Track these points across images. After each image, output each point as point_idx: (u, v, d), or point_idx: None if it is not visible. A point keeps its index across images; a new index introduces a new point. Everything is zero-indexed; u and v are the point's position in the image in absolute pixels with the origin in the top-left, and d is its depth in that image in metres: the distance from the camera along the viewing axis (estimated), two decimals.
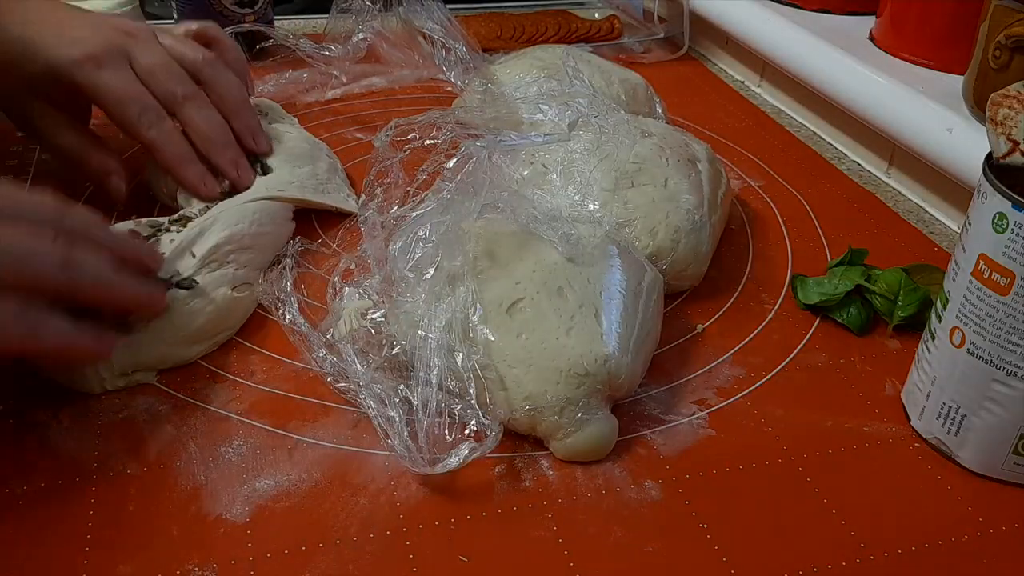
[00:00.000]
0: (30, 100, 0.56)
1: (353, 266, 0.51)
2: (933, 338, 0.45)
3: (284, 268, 0.51)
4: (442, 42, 0.75)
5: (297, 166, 0.60)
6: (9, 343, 0.39)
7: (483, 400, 0.43)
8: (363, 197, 0.49)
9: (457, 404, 0.42)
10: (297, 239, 0.55)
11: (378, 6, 0.77)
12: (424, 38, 0.79)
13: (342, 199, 0.62)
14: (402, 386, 0.43)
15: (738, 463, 0.44)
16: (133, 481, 0.41)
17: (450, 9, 0.78)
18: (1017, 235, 0.39)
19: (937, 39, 0.73)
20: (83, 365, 0.44)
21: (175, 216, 0.53)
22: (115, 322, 0.45)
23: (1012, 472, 0.44)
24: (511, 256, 0.47)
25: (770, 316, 0.55)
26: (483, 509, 0.41)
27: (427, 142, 0.49)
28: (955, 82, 0.68)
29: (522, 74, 0.72)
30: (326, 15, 0.82)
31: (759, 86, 0.92)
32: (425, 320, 0.44)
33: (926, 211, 0.70)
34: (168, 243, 0.49)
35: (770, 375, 0.50)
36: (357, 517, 0.40)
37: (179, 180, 0.57)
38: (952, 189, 0.67)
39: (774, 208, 0.68)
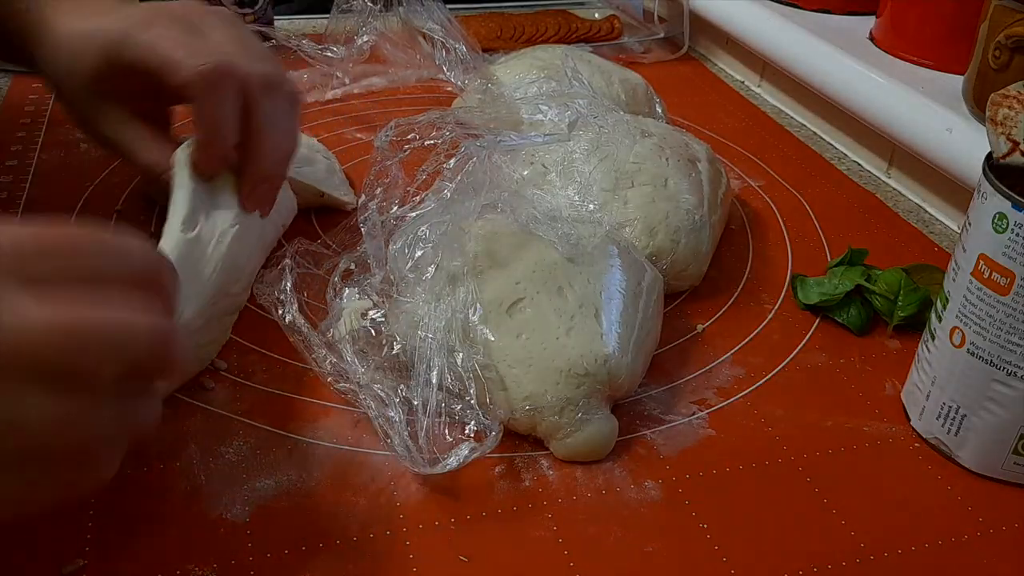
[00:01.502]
0: (92, 99, 0.50)
1: (353, 266, 0.51)
2: (933, 338, 0.45)
3: (284, 268, 0.51)
4: (442, 42, 0.75)
5: (299, 165, 0.61)
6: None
7: (483, 400, 0.43)
8: (363, 197, 0.49)
9: (457, 404, 0.42)
10: (297, 239, 0.55)
11: (379, 6, 0.77)
12: (424, 38, 0.79)
13: (341, 195, 0.62)
14: (402, 386, 0.43)
15: (738, 463, 0.44)
16: (133, 481, 0.41)
17: (450, 9, 0.78)
18: (1017, 235, 0.39)
19: (937, 39, 0.73)
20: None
21: None
22: None
23: (1012, 472, 0.44)
24: (511, 256, 0.47)
25: (770, 316, 0.55)
26: (483, 509, 0.41)
27: (427, 142, 0.48)
28: (955, 82, 0.68)
29: (522, 74, 0.71)
30: (326, 15, 0.82)
31: (759, 86, 0.92)
32: (425, 320, 0.44)
33: (926, 211, 0.70)
34: None
35: (770, 375, 0.50)
36: (357, 517, 0.40)
37: (202, 149, 0.47)
38: (952, 189, 0.67)
39: (774, 208, 0.68)
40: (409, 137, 0.48)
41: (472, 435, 0.42)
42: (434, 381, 0.42)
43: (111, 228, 0.34)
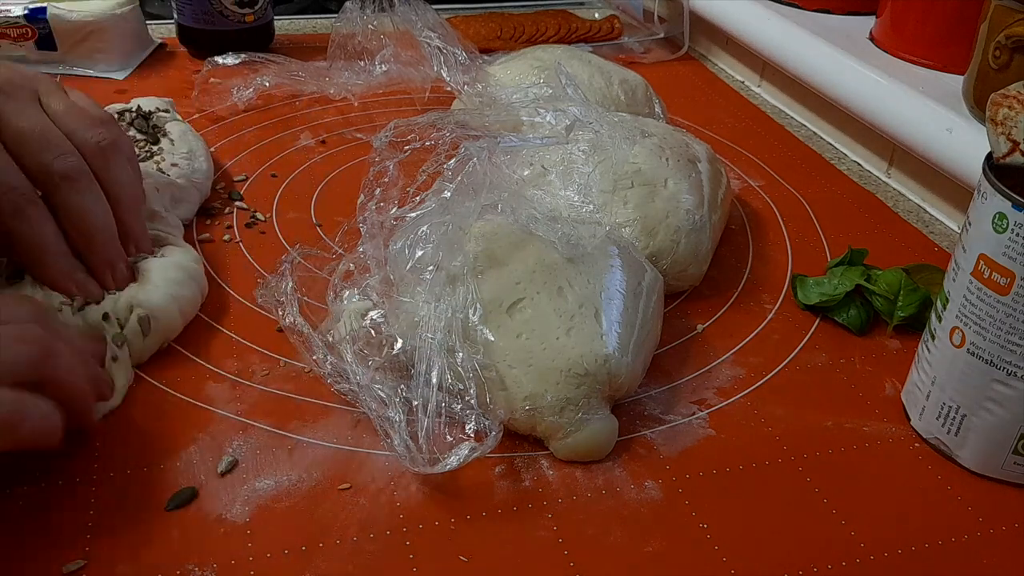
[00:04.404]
0: None
1: (353, 267, 0.51)
2: (933, 338, 0.45)
3: (285, 271, 0.51)
4: (439, 47, 0.75)
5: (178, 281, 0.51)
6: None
7: (483, 400, 0.43)
8: (362, 197, 0.49)
9: (457, 404, 0.42)
10: (298, 243, 0.55)
11: (374, 9, 0.77)
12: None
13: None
14: (402, 386, 0.43)
15: (738, 463, 0.44)
16: (133, 481, 0.41)
17: (451, 9, 0.78)
18: (1017, 235, 0.39)
19: (937, 39, 0.73)
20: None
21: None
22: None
23: (1012, 472, 0.44)
24: (511, 256, 0.47)
25: (770, 316, 0.55)
26: (483, 509, 0.41)
27: (427, 143, 0.49)
28: (955, 82, 0.68)
29: (522, 75, 0.72)
30: (326, 15, 0.82)
31: (759, 86, 0.92)
32: (425, 320, 0.44)
33: (926, 211, 0.70)
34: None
35: (770, 375, 0.50)
36: (357, 517, 0.40)
37: (42, 275, 0.46)
38: (952, 189, 0.67)
39: (774, 208, 0.68)
40: (408, 138, 0.49)
41: (472, 435, 0.42)
42: (434, 381, 0.42)
43: None
